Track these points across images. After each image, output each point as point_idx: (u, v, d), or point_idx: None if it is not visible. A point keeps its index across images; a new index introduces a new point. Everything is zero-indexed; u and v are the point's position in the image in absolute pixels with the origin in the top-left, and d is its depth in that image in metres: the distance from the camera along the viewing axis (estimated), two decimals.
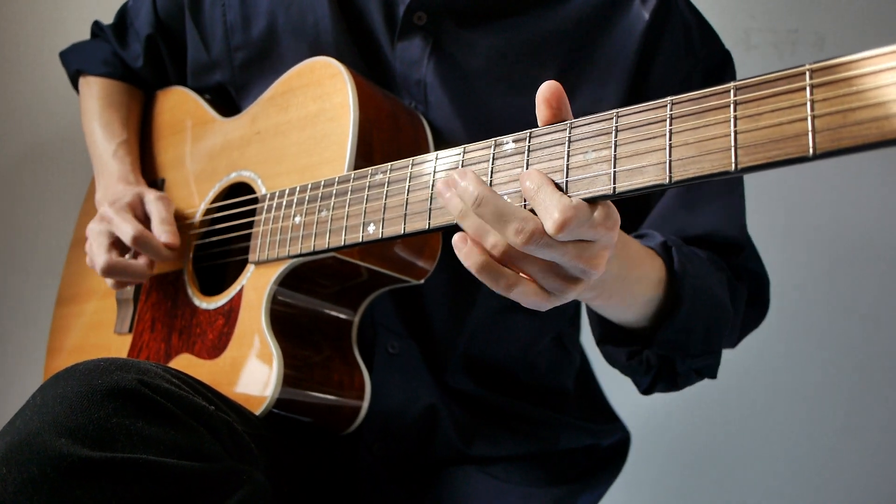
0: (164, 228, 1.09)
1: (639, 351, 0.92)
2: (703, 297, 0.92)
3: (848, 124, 0.49)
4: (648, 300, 0.88)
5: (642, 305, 0.88)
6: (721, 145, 0.56)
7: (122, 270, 1.08)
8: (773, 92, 0.54)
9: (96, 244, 1.10)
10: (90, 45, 1.41)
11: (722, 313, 0.97)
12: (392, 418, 1.07)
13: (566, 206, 0.62)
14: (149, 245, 1.06)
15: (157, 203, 1.12)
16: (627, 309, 0.88)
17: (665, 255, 0.90)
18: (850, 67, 0.50)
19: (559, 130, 0.67)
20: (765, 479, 1.81)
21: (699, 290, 0.90)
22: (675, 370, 0.96)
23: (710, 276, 0.95)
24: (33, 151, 1.81)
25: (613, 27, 1.04)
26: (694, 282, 0.90)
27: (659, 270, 0.88)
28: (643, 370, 0.94)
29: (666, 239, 0.92)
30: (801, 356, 1.79)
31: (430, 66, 1.06)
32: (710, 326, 0.95)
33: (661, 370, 0.95)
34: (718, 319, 0.96)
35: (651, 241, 0.92)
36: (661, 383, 0.97)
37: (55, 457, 0.66)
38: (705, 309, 0.92)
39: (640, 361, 0.93)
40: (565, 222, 0.62)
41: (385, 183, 0.82)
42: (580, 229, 0.63)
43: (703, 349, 0.95)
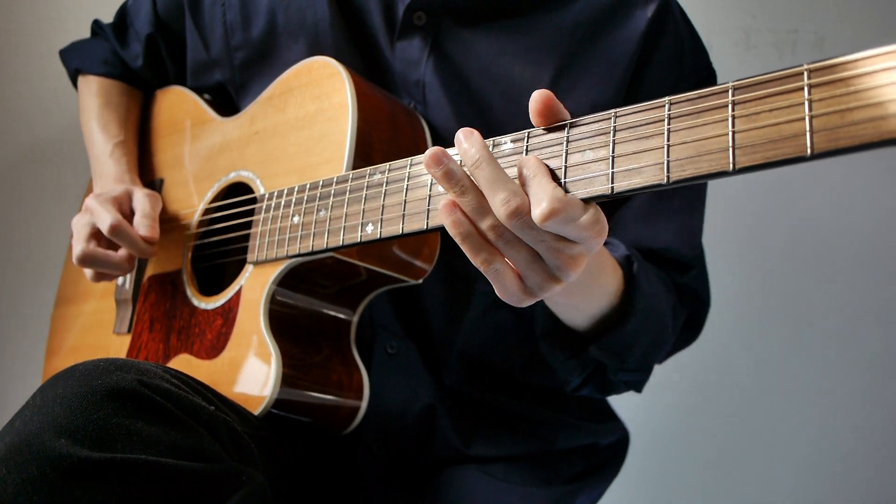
0: (143, 222, 1.08)
1: (578, 352, 0.96)
2: (651, 316, 0.96)
3: (845, 124, 0.49)
4: (602, 307, 0.91)
5: (595, 310, 0.91)
6: (719, 145, 0.56)
7: (97, 260, 1.07)
8: (771, 92, 0.54)
9: (77, 234, 1.10)
10: (90, 44, 1.41)
11: (663, 335, 1.01)
12: (391, 418, 1.07)
13: (555, 198, 0.62)
14: (125, 235, 1.06)
15: (144, 199, 1.12)
16: (581, 312, 0.91)
17: (626, 268, 0.93)
18: (847, 67, 0.50)
19: (557, 130, 0.67)
20: (765, 478, 1.81)
21: (649, 309, 0.94)
22: (605, 378, 1.00)
23: (660, 296, 0.99)
24: (33, 151, 1.81)
25: (612, 32, 1.04)
26: (647, 300, 0.93)
27: (618, 281, 0.91)
28: (577, 372, 0.98)
29: (630, 253, 0.95)
30: (802, 356, 1.79)
31: (429, 66, 1.06)
32: (651, 345, 0.99)
33: (594, 374, 1.00)
34: (659, 340, 1.01)
35: (615, 252, 0.95)
36: (590, 386, 1.02)
37: (55, 457, 0.66)
38: (651, 328, 0.96)
39: (577, 362, 0.97)
40: (552, 213, 0.62)
41: (383, 183, 0.82)
42: (567, 225, 0.63)
43: (638, 365, 1.00)
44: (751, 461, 1.82)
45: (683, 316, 1.09)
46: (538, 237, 0.66)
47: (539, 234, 0.65)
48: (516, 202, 0.64)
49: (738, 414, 1.83)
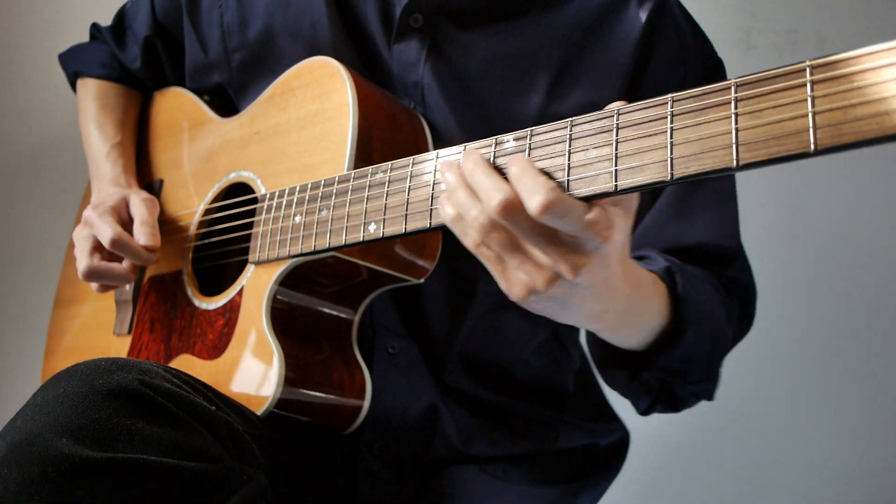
0: (143, 231, 1.08)
1: (638, 373, 0.93)
2: (706, 324, 0.92)
3: (848, 120, 0.49)
4: (652, 328, 0.88)
5: (647, 333, 0.88)
6: (722, 142, 0.56)
7: (102, 274, 1.08)
8: (774, 88, 0.54)
9: (79, 249, 1.11)
10: (88, 48, 1.41)
11: (721, 338, 0.97)
12: (392, 418, 1.07)
13: (550, 189, 0.63)
14: (127, 248, 1.06)
15: (140, 205, 1.12)
16: (633, 337, 0.88)
17: (668, 281, 0.90)
18: (850, 63, 0.50)
19: (560, 128, 0.67)
20: (764, 478, 1.81)
21: (702, 317, 0.90)
22: (674, 394, 0.97)
23: (710, 300, 0.95)
24: (32, 153, 1.82)
25: (609, 32, 1.04)
26: (697, 308, 0.90)
27: (663, 298, 0.88)
28: (643, 392, 0.95)
29: (670, 264, 0.92)
30: (802, 357, 1.79)
31: (427, 68, 1.06)
32: (712, 352, 0.95)
33: (661, 393, 0.96)
34: (719, 345, 0.97)
35: (654, 266, 0.92)
36: (660, 405, 0.98)
37: (56, 457, 0.66)
38: (707, 335, 0.92)
39: (640, 384, 0.94)
40: (548, 204, 0.62)
41: (386, 182, 0.82)
42: (565, 217, 0.63)
43: (703, 375, 0.96)
44: (751, 461, 1.82)
45: (737, 308, 1.04)
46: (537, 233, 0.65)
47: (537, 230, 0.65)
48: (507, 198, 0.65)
49: (738, 414, 1.82)
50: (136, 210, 1.11)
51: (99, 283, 1.10)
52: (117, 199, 1.13)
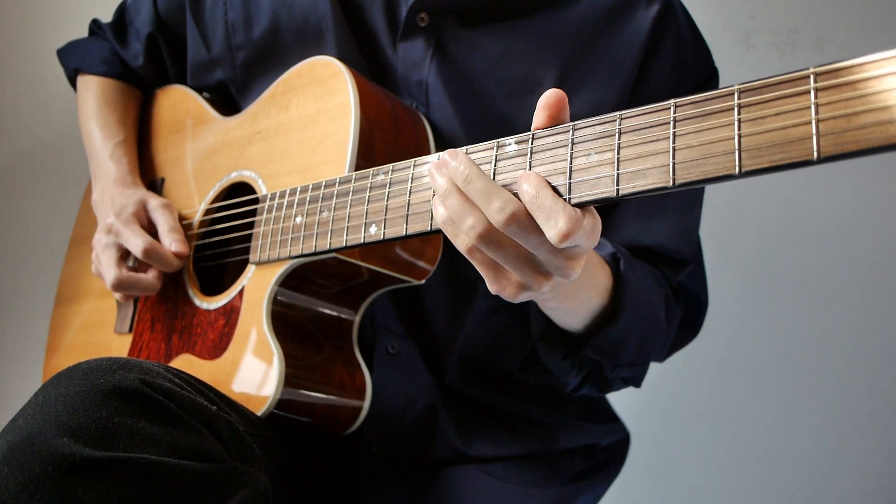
0: (173, 237, 1.09)
1: (573, 353, 0.96)
2: (642, 311, 0.96)
3: (852, 128, 0.49)
4: (594, 307, 0.92)
5: (588, 311, 0.92)
6: (725, 148, 0.56)
7: (133, 285, 1.09)
8: (777, 95, 0.54)
9: (105, 257, 1.11)
10: (88, 44, 1.41)
11: (656, 329, 1.01)
12: (392, 418, 1.07)
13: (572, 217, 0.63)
14: (160, 257, 1.07)
15: (163, 211, 1.12)
16: (575, 314, 0.92)
17: (613, 266, 0.94)
18: (854, 71, 0.50)
19: (562, 132, 0.67)
20: (765, 478, 1.81)
21: (639, 304, 0.95)
22: (602, 375, 1.00)
23: (651, 290, 0.99)
24: (32, 151, 1.81)
25: (616, 33, 1.05)
26: (636, 295, 0.94)
27: (607, 279, 0.92)
28: (574, 371, 0.99)
29: (616, 250, 0.96)
30: (801, 356, 1.80)
31: (432, 68, 1.06)
32: (644, 340, 0.99)
33: (591, 373, 1.00)
34: (652, 334, 1.01)
35: (602, 251, 0.96)
36: (589, 385, 1.02)
37: (57, 456, 0.66)
38: (642, 323, 0.97)
39: (572, 363, 0.97)
40: (571, 232, 0.63)
41: (387, 184, 0.82)
42: (577, 239, 0.64)
43: (633, 360, 1.00)
44: (751, 461, 1.82)
45: (679, 311, 1.09)
46: (536, 241, 0.67)
47: (537, 238, 0.66)
48: (511, 208, 0.66)
49: (738, 414, 1.83)
50: (158, 217, 1.12)
51: (127, 293, 1.11)
52: (136, 205, 1.13)
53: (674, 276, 1.08)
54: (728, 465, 1.83)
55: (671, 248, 1.07)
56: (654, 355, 1.06)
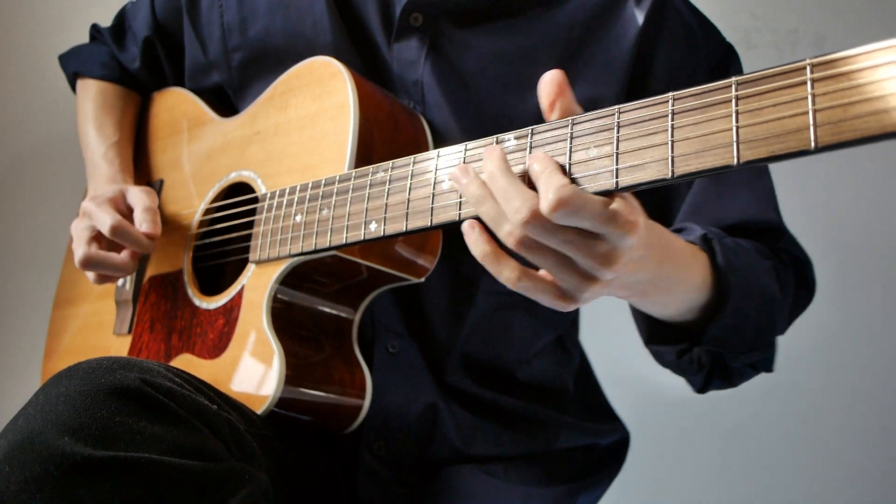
0: (144, 217, 1.08)
1: (688, 349, 0.91)
2: (751, 291, 0.89)
3: (848, 118, 0.50)
4: (692, 300, 0.86)
5: (684, 304, 0.86)
6: (723, 140, 0.56)
7: (100, 262, 1.07)
8: (774, 86, 0.54)
9: (77, 239, 1.10)
10: (88, 48, 1.42)
11: (772, 305, 0.93)
12: (392, 417, 1.07)
13: (561, 186, 0.62)
14: (128, 235, 1.06)
15: (139, 194, 1.11)
16: (668, 307, 0.86)
17: (707, 250, 0.87)
18: (850, 62, 0.51)
19: (561, 127, 0.68)
20: (765, 478, 1.81)
21: (746, 284, 0.88)
22: (727, 367, 0.93)
23: (755, 265, 0.92)
24: (32, 153, 1.82)
25: (608, 30, 1.05)
26: (740, 275, 0.87)
27: (702, 268, 0.85)
28: (694, 369, 0.92)
29: (706, 231, 0.90)
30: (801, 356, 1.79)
31: (427, 67, 1.06)
32: (761, 320, 0.92)
33: (714, 367, 0.93)
34: (769, 311, 0.93)
35: (691, 235, 0.90)
36: (716, 381, 0.96)
37: (58, 455, 0.66)
38: (754, 303, 0.89)
39: (690, 360, 0.91)
40: (559, 203, 0.61)
41: (387, 181, 0.82)
42: (578, 214, 0.62)
43: (754, 344, 0.93)
44: (751, 461, 1.82)
45: (792, 279, 1.00)
46: (561, 239, 0.64)
47: (561, 234, 0.64)
48: (528, 207, 0.64)
49: (738, 414, 1.83)
50: (135, 199, 1.11)
51: (96, 272, 1.10)
52: (115, 192, 1.13)
53: (774, 245, 1.01)
54: (728, 466, 1.83)
55: (760, 219, 1.00)
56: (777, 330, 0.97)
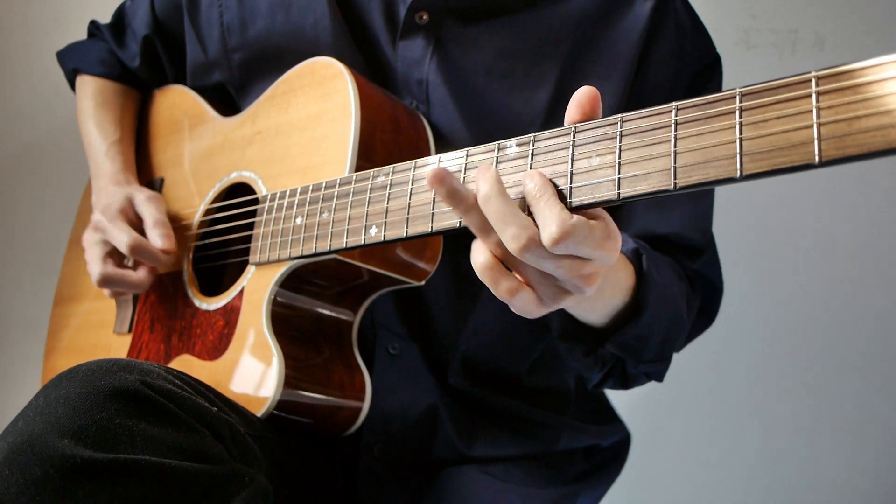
0: (158, 232, 1.08)
1: (595, 349, 0.95)
2: (665, 308, 0.94)
3: (853, 132, 0.49)
4: (616, 304, 0.91)
5: (610, 308, 0.91)
6: (726, 152, 0.56)
7: (120, 281, 1.08)
8: (779, 99, 0.54)
9: (91, 255, 1.10)
10: (87, 45, 1.41)
11: (678, 324, 1.00)
12: (392, 419, 1.07)
13: (564, 221, 0.62)
14: (146, 252, 1.06)
15: (148, 205, 1.11)
16: (595, 312, 0.90)
17: (636, 262, 0.93)
18: (856, 75, 0.50)
19: (563, 135, 0.67)
20: (765, 479, 1.81)
21: (662, 301, 0.93)
22: (625, 371, 0.99)
23: (672, 286, 0.98)
24: (31, 151, 1.81)
25: (615, 25, 1.05)
26: (659, 291, 0.93)
27: (629, 276, 0.91)
28: (597, 367, 0.97)
29: (638, 246, 0.94)
30: (802, 356, 1.80)
31: (433, 66, 1.06)
32: (667, 336, 0.98)
33: (613, 369, 0.99)
34: (674, 330, 1.00)
35: (624, 247, 0.94)
36: (611, 381, 1.01)
37: (58, 458, 0.66)
38: (665, 319, 0.95)
39: (595, 359, 0.96)
40: (562, 237, 0.62)
41: (387, 185, 0.82)
42: (578, 246, 0.63)
43: (656, 356, 0.99)
44: (751, 461, 1.82)
45: (697, 302, 1.08)
46: (556, 264, 0.65)
47: (553, 261, 0.65)
48: (526, 234, 0.64)
49: (738, 414, 1.83)
50: (144, 210, 1.11)
51: (115, 289, 1.11)
52: (122, 201, 1.12)
53: (690, 265, 1.07)
54: (728, 466, 1.84)
55: (686, 236, 1.06)
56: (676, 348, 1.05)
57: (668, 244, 1.05)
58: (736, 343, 1.80)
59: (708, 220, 1.10)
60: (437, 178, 0.67)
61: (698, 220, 1.08)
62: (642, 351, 0.96)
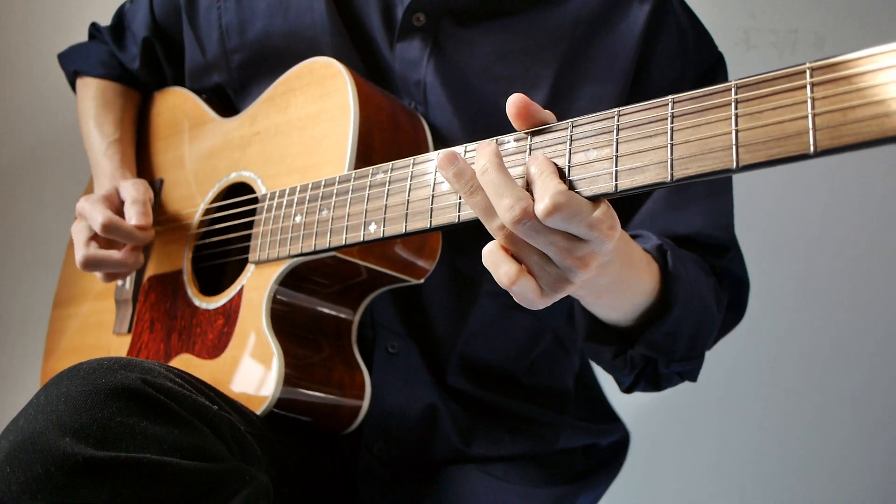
0: (133, 210, 1.08)
1: (623, 350, 0.94)
2: (693, 303, 0.93)
3: (848, 122, 0.50)
4: (640, 303, 0.89)
5: (632, 308, 0.89)
6: (722, 143, 0.56)
7: (100, 261, 1.08)
8: (774, 90, 0.54)
9: (77, 240, 1.11)
10: (88, 47, 1.42)
11: (708, 320, 0.99)
12: (392, 418, 1.07)
13: (558, 192, 0.62)
14: (119, 230, 1.06)
15: (129, 186, 1.11)
16: (618, 310, 0.89)
17: (660, 259, 0.91)
18: (850, 66, 0.51)
19: (561, 129, 0.68)
20: (765, 479, 1.81)
21: (690, 296, 0.92)
22: (657, 371, 0.98)
23: (700, 281, 0.97)
24: (32, 152, 1.82)
25: (613, 27, 1.05)
26: (686, 287, 0.91)
27: (654, 276, 0.89)
28: (627, 369, 0.96)
29: (662, 242, 0.93)
30: (802, 356, 1.80)
31: (430, 67, 1.06)
32: (697, 332, 0.96)
33: (644, 370, 0.97)
34: (705, 326, 0.98)
35: (647, 244, 0.93)
36: (643, 383, 1.00)
37: (59, 456, 0.66)
38: (694, 315, 0.94)
39: (624, 361, 0.95)
40: (555, 208, 0.62)
41: (386, 182, 0.82)
42: (571, 221, 0.63)
43: (687, 354, 0.97)
44: (751, 461, 1.82)
45: (726, 296, 1.06)
46: (547, 240, 0.65)
47: (548, 236, 0.65)
48: (521, 207, 0.64)
49: (738, 414, 1.83)
50: (125, 192, 1.11)
51: (100, 272, 1.10)
52: (109, 189, 1.13)
53: (716, 262, 1.06)
54: (728, 466, 1.83)
55: (710, 234, 1.04)
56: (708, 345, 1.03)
57: (692, 244, 1.03)
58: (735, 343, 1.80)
59: (730, 217, 1.08)
60: (449, 159, 0.69)
61: (720, 218, 1.06)
62: (673, 349, 0.94)
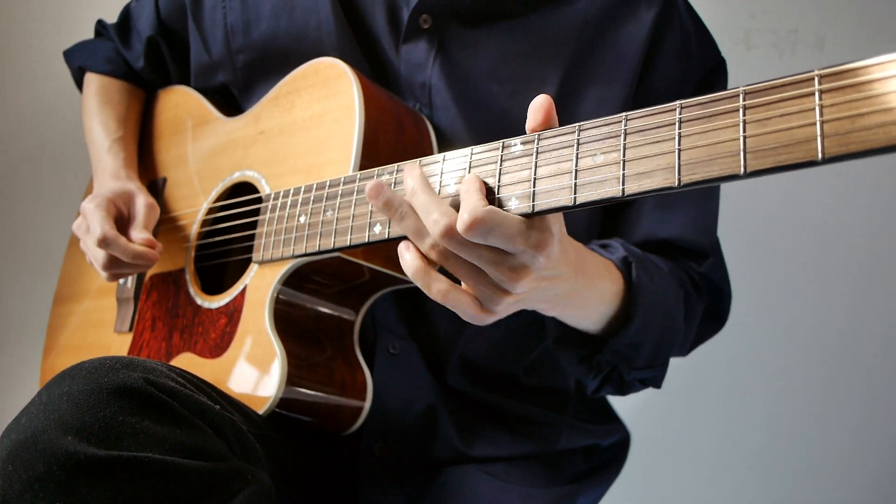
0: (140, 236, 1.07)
1: (589, 356, 0.96)
2: (657, 314, 0.95)
3: (856, 129, 0.50)
4: (605, 312, 0.92)
5: (598, 315, 0.92)
6: (730, 149, 0.56)
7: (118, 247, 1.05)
8: (782, 97, 0.54)
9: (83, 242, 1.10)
10: (93, 44, 1.42)
11: (673, 331, 1.01)
12: (393, 419, 1.07)
13: (475, 208, 0.66)
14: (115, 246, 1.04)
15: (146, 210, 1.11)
16: (584, 319, 0.92)
17: (624, 270, 0.94)
18: (858, 73, 0.51)
19: (568, 133, 0.68)
20: (765, 479, 1.81)
21: (653, 307, 0.94)
22: (621, 378, 1.00)
23: (667, 291, 0.99)
24: (34, 151, 1.81)
25: (618, 30, 1.05)
26: (650, 298, 0.94)
27: (617, 284, 0.92)
28: (592, 374, 0.98)
29: (627, 254, 0.95)
30: (802, 357, 1.80)
31: (436, 69, 1.06)
32: (660, 342, 0.99)
33: (609, 376, 1.00)
34: (669, 337, 1.01)
35: (612, 255, 0.96)
36: (608, 387, 1.02)
37: (61, 455, 0.66)
38: (657, 326, 0.96)
39: (589, 366, 0.97)
40: (473, 223, 0.66)
41: (392, 183, 0.82)
42: (489, 235, 0.66)
43: (649, 363, 1.00)
44: (751, 461, 1.82)
45: (702, 304, 1.08)
46: (476, 253, 0.69)
47: (475, 249, 0.69)
48: (445, 221, 0.68)
49: (738, 414, 1.83)
50: (139, 211, 1.11)
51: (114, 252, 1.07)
52: (118, 190, 1.12)
53: (696, 268, 1.08)
54: (728, 466, 1.84)
55: (690, 240, 1.07)
56: (673, 354, 1.06)
57: (672, 248, 1.06)
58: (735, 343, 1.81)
59: (712, 224, 1.11)
60: (375, 191, 0.73)
61: (702, 224, 1.08)
62: (634, 358, 0.97)
